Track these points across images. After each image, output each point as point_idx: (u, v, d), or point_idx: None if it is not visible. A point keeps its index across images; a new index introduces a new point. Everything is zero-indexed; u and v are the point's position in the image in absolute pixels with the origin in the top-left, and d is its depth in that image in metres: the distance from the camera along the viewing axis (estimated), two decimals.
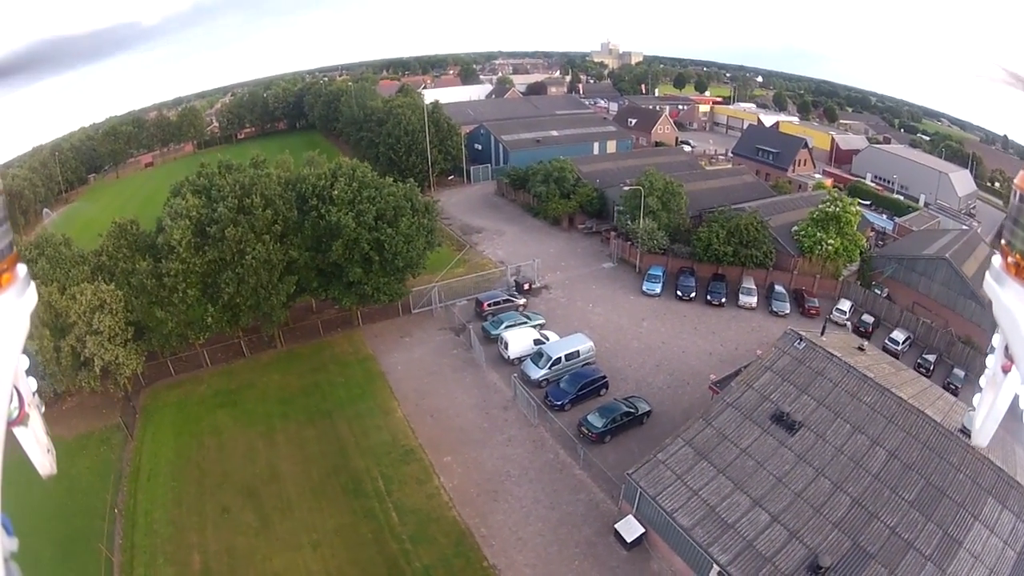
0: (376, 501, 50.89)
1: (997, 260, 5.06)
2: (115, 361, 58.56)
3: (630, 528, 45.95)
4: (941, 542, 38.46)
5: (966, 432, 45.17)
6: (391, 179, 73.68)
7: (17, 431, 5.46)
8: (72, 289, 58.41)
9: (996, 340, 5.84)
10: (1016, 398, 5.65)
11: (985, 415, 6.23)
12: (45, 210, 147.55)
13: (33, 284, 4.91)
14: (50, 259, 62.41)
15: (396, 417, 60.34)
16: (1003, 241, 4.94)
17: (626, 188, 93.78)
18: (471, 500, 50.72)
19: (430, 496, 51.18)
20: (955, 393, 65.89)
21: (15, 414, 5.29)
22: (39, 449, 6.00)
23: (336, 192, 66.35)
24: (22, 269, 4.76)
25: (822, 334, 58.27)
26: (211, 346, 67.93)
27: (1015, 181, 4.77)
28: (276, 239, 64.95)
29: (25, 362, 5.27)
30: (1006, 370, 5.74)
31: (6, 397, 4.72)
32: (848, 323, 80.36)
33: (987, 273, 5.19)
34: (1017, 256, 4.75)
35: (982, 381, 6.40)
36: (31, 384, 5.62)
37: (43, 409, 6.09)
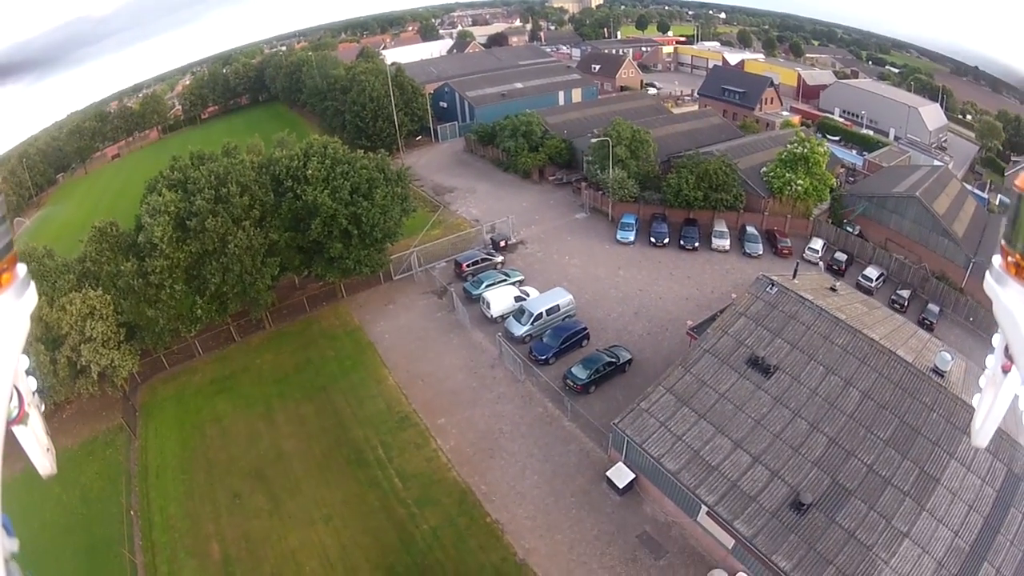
0: (379, 469, 52.66)
1: (997, 260, 4.87)
2: (111, 365, 59.45)
3: (621, 475, 47.99)
4: (918, 479, 40.40)
5: (938, 372, 47.14)
6: (362, 151, 74.67)
7: (17, 431, 5.41)
8: (61, 300, 59.09)
9: (996, 340, 5.55)
10: (1016, 398, 5.51)
11: (985, 415, 5.89)
12: (17, 219, 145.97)
13: (33, 284, 4.75)
14: (35, 273, 61.80)
15: (389, 385, 61.89)
16: (1003, 241, 4.80)
17: (594, 140, 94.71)
18: (468, 459, 52.61)
19: (429, 459, 53.03)
20: (930, 328, 68.27)
21: (15, 414, 5.24)
22: (39, 449, 5.90)
23: (310, 171, 67.17)
24: (22, 269, 4.70)
25: (794, 276, 59.58)
26: (201, 335, 68.67)
27: (1015, 182, 4.48)
28: (255, 224, 65.78)
29: (25, 362, 5.20)
30: (1006, 370, 5.53)
31: (6, 397, 4.70)
32: (820, 262, 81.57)
33: (987, 273, 4.99)
34: (1017, 256, 4.62)
35: (981, 381, 6.00)
36: (31, 384, 5.47)
37: (43, 408, 5.94)
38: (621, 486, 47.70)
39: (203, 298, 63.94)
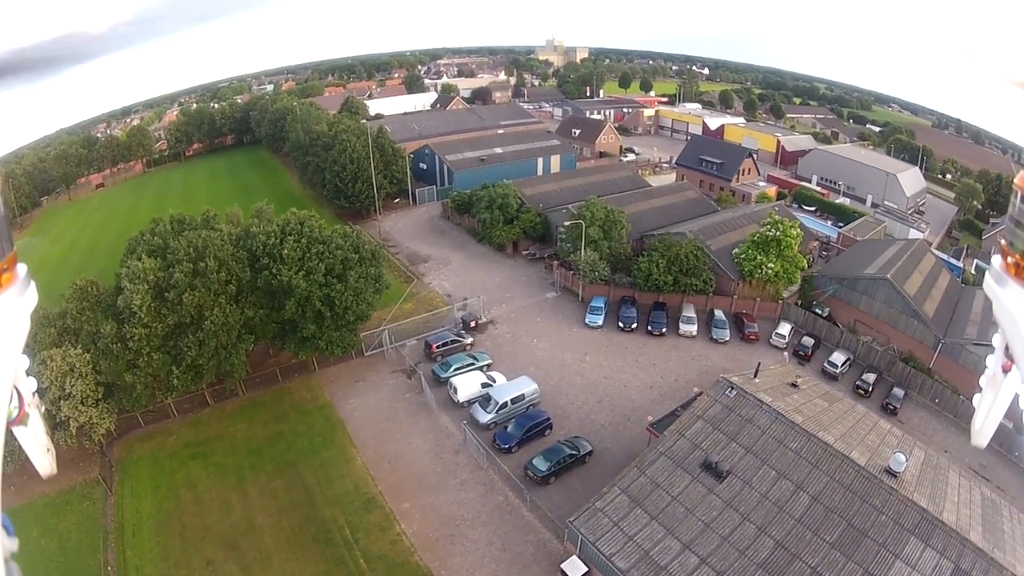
0: (345, 549, 54.03)
1: (997, 260, 5.12)
2: (89, 422, 60.75)
3: (574, 567, 49.37)
4: None
5: (891, 473, 49.02)
6: (338, 225, 76.33)
7: (17, 431, 5.52)
8: (42, 354, 60.00)
9: (996, 340, 5.79)
10: (1016, 398, 5.73)
11: (985, 415, 6.12)
12: None
13: (33, 284, 4.93)
14: None
15: (356, 465, 63.23)
16: (1003, 241, 5.05)
17: (567, 223, 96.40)
18: (431, 545, 54.00)
19: (393, 542, 54.39)
20: (894, 412, 70.69)
21: (15, 414, 5.31)
22: (39, 449, 6.09)
23: (286, 251, 68.81)
24: (22, 269, 4.90)
25: (755, 375, 61.27)
26: (177, 397, 69.52)
27: (1015, 181, 4.85)
28: (231, 299, 67.67)
29: (25, 362, 5.26)
30: (1006, 370, 5.75)
31: (6, 397, 4.80)
32: (787, 349, 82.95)
33: (987, 273, 5.26)
34: (1017, 256, 4.83)
35: (982, 381, 6.24)
36: (31, 384, 5.58)
37: (43, 409, 6.13)
38: None
39: (179, 368, 65.20)
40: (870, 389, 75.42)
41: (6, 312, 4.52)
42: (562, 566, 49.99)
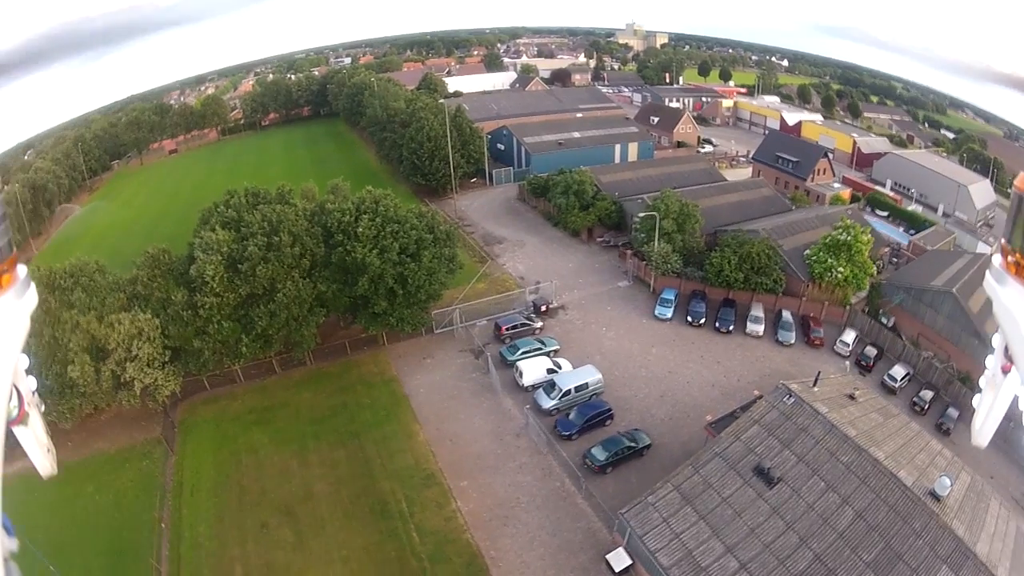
0: (400, 522, 55.24)
1: (997, 260, 5.04)
2: (154, 383, 62.64)
3: (619, 559, 50.29)
4: None
5: (935, 496, 48.60)
6: (413, 204, 77.54)
7: (17, 431, 5.46)
8: (110, 317, 62.13)
9: (996, 340, 5.63)
10: (1016, 399, 5.60)
11: (984, 416, 5.96)
12: (67, 205, 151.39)
13: (33, 285, 4.81)
14: (85, 288, 65.81)
15: (419, 441, 64.22)
16: (1003, 240, 5.00)
17: (642, 215, 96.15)
18: (483, 524, 54.96)
19: (447, 519, 55.42)
20: (947, 433, 69.21)
21: (15, 413, 5.27)
22: (39, 449, 5.93)
23: (361, 229, 69.69)
24: (22, 270, 4.78)
25: (815, 384, 60.85)
26: (245, 363, 71.22)
27: (1015, 182, 4.77)
28: (304, 274, 69.01)
29: (25, 361, 5.22)
30: (1006, 371, 5.62)
31: (6, 397, 4.77)
32: (849, 359, 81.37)
33: (987, 272, 5.17)
34: (1017, 256, 4.78)
35: (982, 382, 6.07)
36: (31, 383, 5.50)
37: (43, 408, 5.95)
38: (617, 570, 50.04)
39: (249, 336, 66.78)
40: (926, 407, 74.02)
41: (6, 313, 4.52)
42: (607, 556, 50.84)
